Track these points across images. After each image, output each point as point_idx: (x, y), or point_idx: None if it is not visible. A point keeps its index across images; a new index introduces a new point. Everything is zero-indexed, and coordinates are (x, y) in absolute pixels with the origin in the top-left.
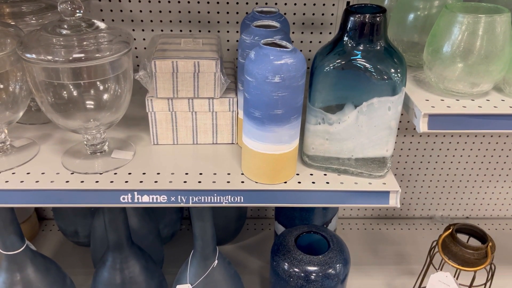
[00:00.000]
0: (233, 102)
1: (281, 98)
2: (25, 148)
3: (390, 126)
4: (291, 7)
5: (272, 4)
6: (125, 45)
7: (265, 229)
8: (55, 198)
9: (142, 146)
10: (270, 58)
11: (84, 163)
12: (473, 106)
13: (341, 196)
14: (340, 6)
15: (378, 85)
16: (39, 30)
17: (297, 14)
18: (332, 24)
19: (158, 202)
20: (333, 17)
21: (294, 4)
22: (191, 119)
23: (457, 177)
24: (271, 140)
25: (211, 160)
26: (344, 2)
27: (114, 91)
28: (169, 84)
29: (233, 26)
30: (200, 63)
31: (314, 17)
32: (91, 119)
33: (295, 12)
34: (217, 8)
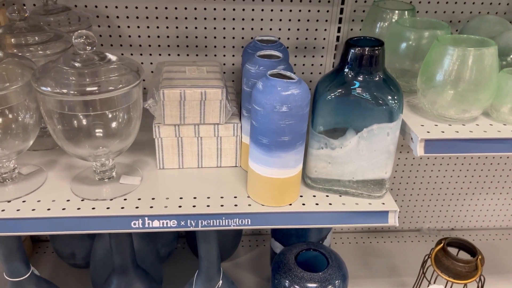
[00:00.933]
0: (237, 127)
1: (288, 126)
2: (33, 175)
3: (389, 150)
4: (285, 32)
5: (267, 29)
6: (135, 77)
7: (260, 245)
8: (68, 226)
9: (148, 171)
10: (278, 89)
11: (93, 189)
12: (465, 131)
13: (344, 217)
14: (331, 31)
15: (377, 113)
16: (53, 62)
17: (291, 39)
18: (324, 48)
19: (168, 227)
20: (325, 41)
21: (288, 29)
22: (197, 144)
23: (443, 190)
24: (278, 165)
25: (217, 183)
26: (335, 27)
27: (124, 120)
28: (177, 111)
29: (229, 50)
30: (207, 92)
31: (307, 41)
32: (101, 147)
33: (288, 37)
34: (214, 34)
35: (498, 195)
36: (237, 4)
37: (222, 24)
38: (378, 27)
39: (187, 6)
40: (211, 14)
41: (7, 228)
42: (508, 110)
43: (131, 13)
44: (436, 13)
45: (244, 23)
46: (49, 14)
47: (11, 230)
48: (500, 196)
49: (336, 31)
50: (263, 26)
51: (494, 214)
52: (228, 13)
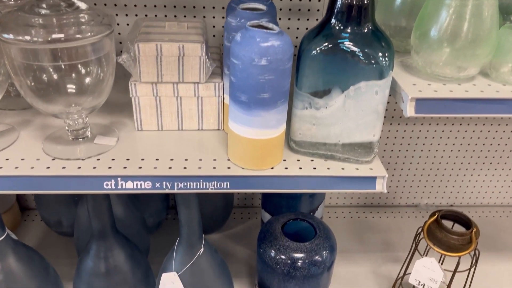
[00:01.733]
0: (219, 87)
1: (268, 82)
2: (3, 134)
3: (377, 110)
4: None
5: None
6: (107, 26)
7: (252, 218)
8: (36, 185)
9: (126, 132)
10: (257, 40)
11: (66, 149)
12: (460, 91)
13: (328, 182)
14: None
15: (365, 69)
16: (17, 10)
17: (284, 0)
18: (319, 11)
19: (142, 189)
20: (320, 4)
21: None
22: (176, 104)
23: (442, 165)
24: (258, 125)
25: (197, 146)
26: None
27: (96, 75)
28: (153, 68)
29: (219, 11)
30: (185, 47)
31: (301, 3)
32: (73, 104)
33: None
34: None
35: (500, 171)
36: None
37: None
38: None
39: None
40: None
41: None
42: (509, 69)
43: None
44: None
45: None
46: None
47: None
48: (502, 172)
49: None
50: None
51: (495, 190)
52: None
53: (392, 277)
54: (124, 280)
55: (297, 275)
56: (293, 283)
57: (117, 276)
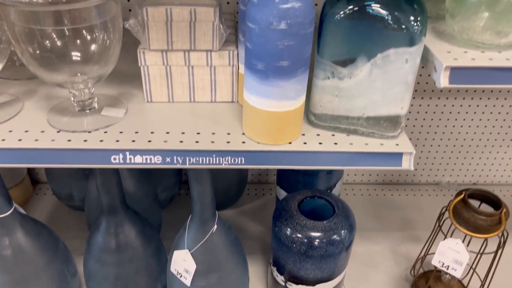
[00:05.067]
0: (234, 55)
1: (287, 48)
2: (7, 104)
3: (406, 81)
4: None
5: None
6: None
7: (266, 194)
8: (40, 158)
9: (135, 103)
10: (275, 2)
11: (72, 120)
12: (501, 59)
13: (351, 158)
14: None
15: (395, 35)
16: None
17: None
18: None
19: (152, 163)
20: None
21: None
22: (188, 74)
23: (466, 142)
24: (276, 96)
25: (210, 119)
26: None
27: (102, 41)
28: (163, 34)
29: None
30: (196, 11)
31: None
32: (78, 73)
33: None
34: None
35: None
36: None
37: None
38: None
39: None
40: None
41: None
42: None
43: None
44: None
45: None
46: None
47: None
48: None
49: None
50: None
51: None
52: None
53: (412, 257)
54: (135, 256)
55: (314, 254)
56: (310, 263)
57: (128, 252)
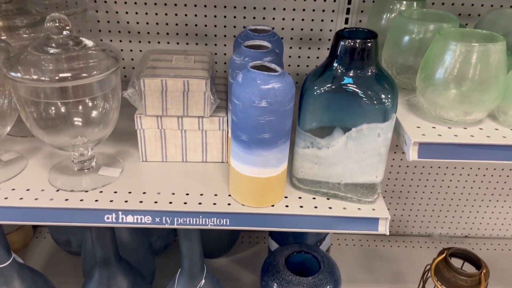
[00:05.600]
0: (223, 121)
1: (268, 123)
2: (12, 162)
3: (380, 152)
4: (289, 22)
5: (270, 18)
6: (113, 63)
7: (260, 242)
8: (39, 216)
9: (131, 162)
10: (257, 82)
11: (71, 179)
12: (465, 135)
13: (330, 222)
14: (338, 22)
15: (368, 112)
16: (26, 47)
17: (295, 29)
18: (330, 40)
19: (142, 223)
20: (331, 33)
21: (292, 19)
22: (181, 137)
23: (456, 195)
24: (258, 164)
25: (200, 179)
26: (342, 18)
27: (102, 109)
28: (158, 102)
29: (230, 40)
30: (189, 82)
31: (312, 32)
32: (78, 136)
33: (293, 27)
34: (214, 22)
35: None
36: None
37: (223, 12)
38: (384, 18)
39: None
40: (211, 2)
41: None
42: None
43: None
44: (454, 5)
45: (246, 12)
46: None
47: None
48: None
49: (344, 22)
50: (266, 15)
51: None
52: (230, 1)
53: None
54: None
55: None
56: None
57: None
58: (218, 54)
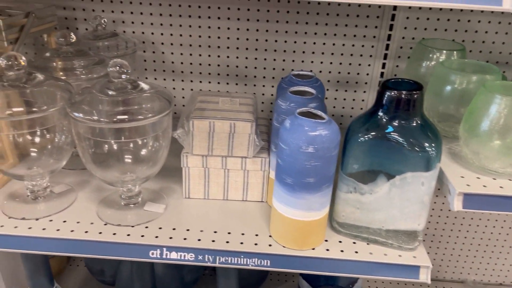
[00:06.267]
0: (265, 162)
1: (313, 167)
2: (64, 194)
3: (423, 200)
4: (327, 65)
5: (309, 61)
6: (166, 106)
7: (289, 280)
8: (88, 249)
9: (174, 198)
10: (305, 129)
11: (118, 214)
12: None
13: (370, 267)
14: (375, 66)
15: (412, 161)
16: (88, 88)
17: (333, 72)
18: (367, 84)
19: (185, 260)
20: (368, 77)
21: (330, 63)
22: (224, 176)
23: (491, 242)
24: (302, 207)
25: (240, 218)
26: (380, 63)
27: (152, 147)
28: (205, 142)
29: (269, 81)
30: (236, 125)
31: (349, 76)
32: (128, 172)
33: (330, 70)
34: (255, 64)
35: None
36: (279, 36)
37: (263, 55)
38: (423, 66)
39: (230, 36)
40: (253, 45)
41: (32, 247)
42: None
43: (175, 40)
44: (491, 53)
45: (286, 55)
46: (99, 39)
47: (35, 249)
48: None
49: (381, 67)
50: (305, 58)
51: None
52: (270, 44)
53: None
54: None
55: None
56: None
57: None
58: (257, 94)
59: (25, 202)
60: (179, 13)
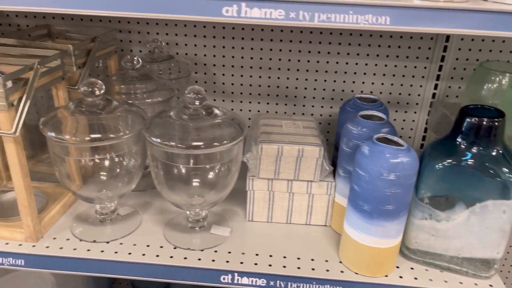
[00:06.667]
0: (331, 186)
1: (393, 195)
2: (129, 217)
3: (503, 229)
4: (378, 86)
5: (360, 82)
6: (238, 133)
7: None
8: (160, 273)
9: (237, 221)
10: (386, 156)
11: (185, 237)
12: None
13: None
14: (427, 87)
15: (493, 189)
16: (164, 113)
17: (384, 93)
18: (418, 104)
19: (256, 285)
20: (420, 98)
21: (381, 84)
22: (288, 199)
23: None
24: (378, 234)
25: (306, 242)
26: (432, 84)
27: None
28: (272, 166)
29: (318, 101)
30: (304, 149)
31: (400, 96)
32: (196, 195)
33: (381, 91)
34: (305, 85)
35: None
36: (331, 57)
37: (314, 76)
38: (485, 89)
39: (281, 58)
40: (304, 66)
41: (105, 270)
42: None
43: (227, 62)
44: None
45: (336, 76)
46: (155, 61)
47: (109, 272)
48: None
49: (433, 88)
50: (356, 79)
51: None
52: (321, 66)
53: None
54: None
55: None
56: None
57: None
58: (305, 114)
59: (93, 224)
60: (232, 35)
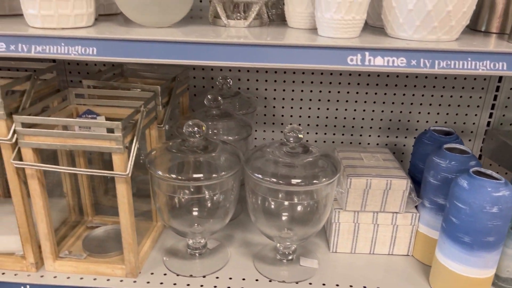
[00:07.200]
0: (416, 217)
1: (495, 227)
2: (217, 250)
3: None
4: (434, 116)
5: (416, 112)
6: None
7: None
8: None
9: (321, 253)
10: (488, 190)
11: (277, 270)
12: None
13: None
14: (482, 116)
15: None
16: (262, 150)
17: (439, 122)
18: (472, 132)
19: None
20: (474, 126)
21: (437, 113)
22: (373, 230)
23: None
24: (478, 265)
25: (395, 273)
26: (487, 113)
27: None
28: (359, 199)
29: (375, 131)
30: (392, 182)
31: (454, 125)
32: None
33: (436, 120)
34: (362, 115)
35: None
36: (388, 89)
37: (372, 107)
38: None
39: (340, 90)
40: (362, 98)
41: None
42: None
43: (287, 95)
44: None
45: (393, 106)
46: (224, 97)
47: None
48: None
49: (488, 117)
50: (412, 109)
51: None
52: (380, 97)
53: None
54: None
55: None
56: None
57: None
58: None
59: (184, 258)
60: (293, 70)
